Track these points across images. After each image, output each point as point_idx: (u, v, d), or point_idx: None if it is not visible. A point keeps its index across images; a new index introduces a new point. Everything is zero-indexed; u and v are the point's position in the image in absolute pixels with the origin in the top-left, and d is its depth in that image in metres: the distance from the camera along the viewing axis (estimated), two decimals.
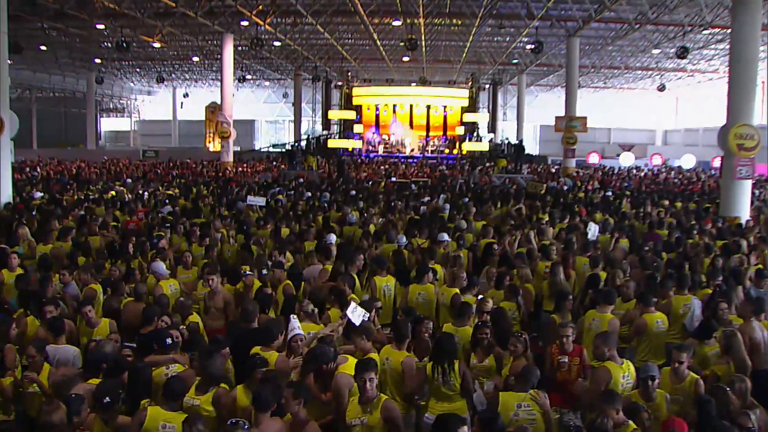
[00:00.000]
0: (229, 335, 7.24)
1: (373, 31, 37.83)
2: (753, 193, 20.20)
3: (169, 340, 6.44)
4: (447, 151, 50.70)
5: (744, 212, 18.46)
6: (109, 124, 75.01)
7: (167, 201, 18.58)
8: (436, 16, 34.79)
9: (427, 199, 19.77)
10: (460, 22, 36.90)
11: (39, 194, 20.42)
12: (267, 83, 70.25)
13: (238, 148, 61.53)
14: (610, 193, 23.02)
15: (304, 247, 11.91)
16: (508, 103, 66.29)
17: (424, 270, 9.45)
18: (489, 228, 13.58)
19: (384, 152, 50.89)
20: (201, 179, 28.23)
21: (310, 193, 20.86)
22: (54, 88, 60.36)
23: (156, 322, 7.39)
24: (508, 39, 41.35)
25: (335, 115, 53.30)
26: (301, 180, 27.18)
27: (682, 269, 10.23)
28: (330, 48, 45.99)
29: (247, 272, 9.38)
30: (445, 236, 12.33)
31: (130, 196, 20.89)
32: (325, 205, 18.44)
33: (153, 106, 77.93)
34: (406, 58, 49.06)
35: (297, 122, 57.67)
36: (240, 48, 45.47)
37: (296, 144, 36.88)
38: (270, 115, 78.16)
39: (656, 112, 69.87)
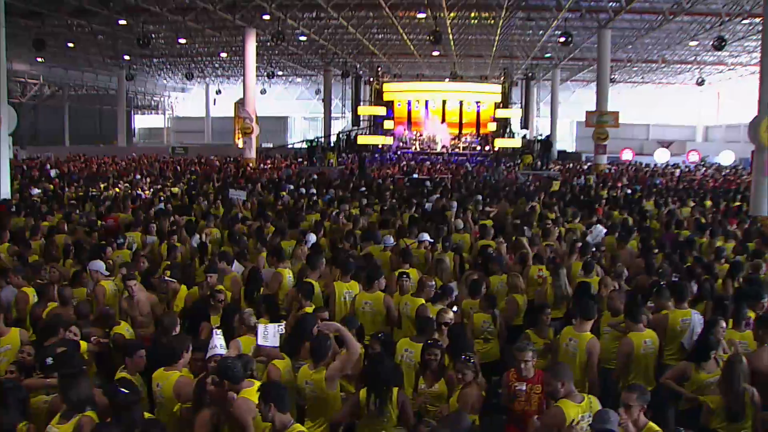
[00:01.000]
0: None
1: (398, 25, 36.83)
2: None
3: (49, 360, 5.49)
4: (478, 147, 49.52)
5: None
6: (143, 121, 75.35)
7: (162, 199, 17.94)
8: (462, 9, 33.72)
9: (436, 197, 18.76)
10: (487, 15, 35.72)
11: (36, 191, 19.87)
12: (299, 80, 69.67)
13: (271, 145, 61.47)
14: (630, 192, 21.70)
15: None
16: (543, 99, 64.75)
17: (373, 275, 8.34)
18: (489, 228, 12.61)
19: (416, 149, 50.12)
20: (215, 176, 27.54)
21: (315, 190, 19.98)
22: (87, 86, 60.42)
23: (62, 334, 6.44)
24: (540, 33, 39.95)
25: (365, 111, 52.53)
26: (316, 177, 26.37)
27: (689, 277, 9.14)
28: (358, 43, 45.09)
29: (167, 278, 8.55)
30: (425, 236, 11.36)
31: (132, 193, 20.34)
32: (328, 203, 17.62)
33: (186, 103, 78.06)
34: (436, 53, 48.05)
35: (327, 118, 56.96)
36: (269, 44, 45.13)
37: (316, 140, 36.04)
38: (304, 111, 77.66)
39: (697, 107, 67.56)
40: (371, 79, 53.78)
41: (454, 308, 7.99)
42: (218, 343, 5.86)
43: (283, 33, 34.10)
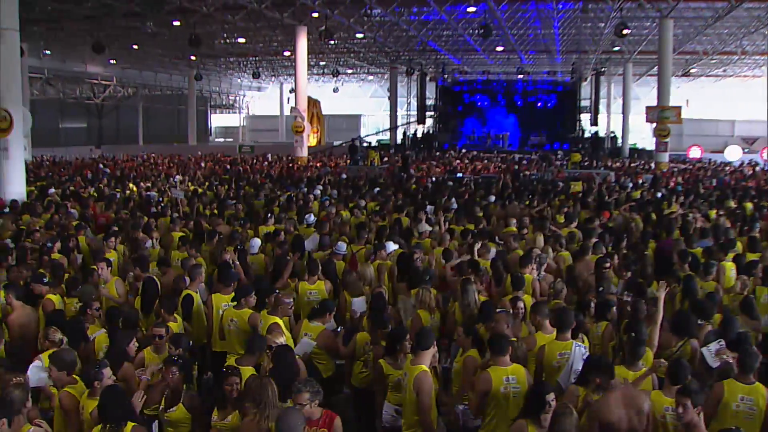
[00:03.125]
0: None
1: (450, 19, 35.99)
2: None
3: None
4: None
5: None
6: (219, 120, 76.92)
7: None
8: (512, 1, 32.56)
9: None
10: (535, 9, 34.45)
11: (52, 190, 20.08)
12: (371, 77, 69.45)
13: (340, 143, 61.53)
14: (660, 194, 20.19)
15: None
16: (617, 94, 62.37)
17: (242, 291, 7.89)
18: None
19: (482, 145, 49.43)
20: (245, 175, 27.46)
21: (320, 189, 19.44)
22: (161, 86, 61.95)
23: None
24: (600, 25, 38.23)
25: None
26: (345, 176, 25.96)
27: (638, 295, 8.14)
28: (421, 41, 44.35)
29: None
30: (391, 246, 10.65)
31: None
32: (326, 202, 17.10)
33: (262, 101, 79.21)
34: (500, 48, 46.81)
35: (393, 116, 56.61)
36: (334, 42, 45.11)
37: (358, 139, 35.61)
38: (378, 109, 77.46)
39: None
40: (437, 76, 53.24)
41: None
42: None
43: (330, 30, 33.71)
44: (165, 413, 5.62)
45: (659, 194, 20.32)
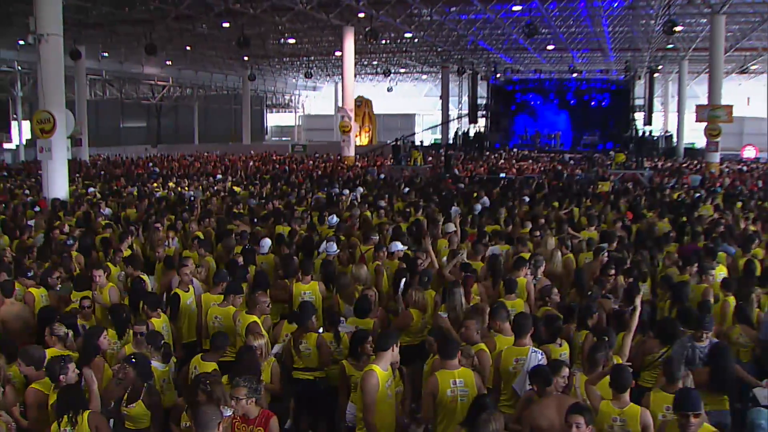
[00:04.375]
0: None
1: (497, 18, 35.78)
2: None
3: None
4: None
5: None
6: (276, 119, 78.06)
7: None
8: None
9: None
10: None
11: (92, 189, 20.73)
12: (425, 77, 69.45)
13: (391, 142, 61.74)
14: (699, 195, 19.75)
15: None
16: (674, 92, 60.94)
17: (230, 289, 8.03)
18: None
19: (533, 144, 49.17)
20: (285, 175, 27.90)
21: (337, 189, 19.59)
22: (217, 86, 63.16)
23: None
24: (651, 23, 37.47)
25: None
26: (383, 176, 26.10)
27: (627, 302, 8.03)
28: (467, 39, 44.20)
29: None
30: (398, 245, 10.69)
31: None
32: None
33: (318, 101, 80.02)
34: (550, 47, 46.35)
35: (444, 115, 56.51)
36: (384, 42, 45.42)
37: (403, 139, 35.64)
38: (433, 108, 77.43)
39: None
40: (488, 76, 53.02)
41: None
42: None
43: (376, 31, 33.86)
44: (125, 409, 5.83)
45: (698, 195, 19.91)
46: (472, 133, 53.38)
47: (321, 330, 7.48)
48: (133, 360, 5.89)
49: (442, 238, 11.90)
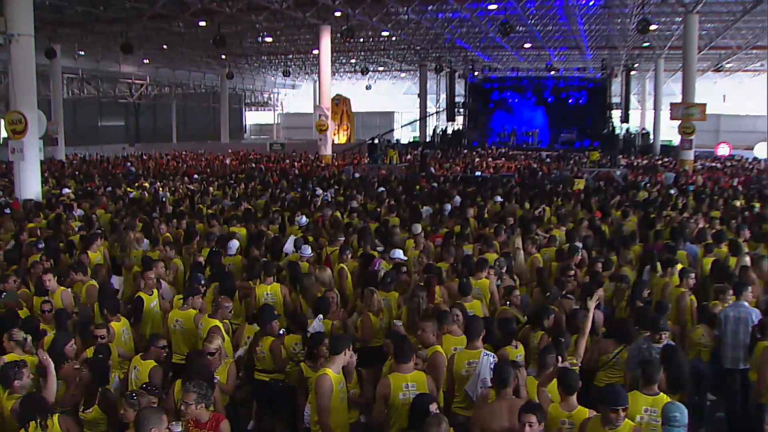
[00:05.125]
0: None
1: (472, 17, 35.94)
2: None
3: None
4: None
5: None
6: (254, 117, 77.86)
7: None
8: None
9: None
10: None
11: (67, 190, 20.60)
12: (403, 75, 69.48)
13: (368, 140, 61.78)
14: (672, 192, 19.97)
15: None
16: (651, 90, 61.41)
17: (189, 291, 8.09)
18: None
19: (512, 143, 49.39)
20: (260, 175, 27.90)
21: (320, 191, 19.58)
22: (195, 85, 62.89)
23: None
24: (626, 21, 37.74)
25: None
26: (357, 175, 26.15)
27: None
28: (445, 38, 44.29)
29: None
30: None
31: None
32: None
33: (297, 99, 79.87)
34: (527, 45, 46.56)
35: (422, 113, 56.57)
36: (362, 40, 45.44)
37: (379, 137, 35.66)
38: (411, 106, 77.46)
39: None
40: (465, 74, 53.14)
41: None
42: None
43: (352, 29, 33.86)
44: (82, 414, 5.86)
45: (671, 192, 20.12)
46: (450, 131, 53.45)
47: (282, 332, 7.54)
48: (91, 362, 5.93)
49: (410, 238, 11.97)
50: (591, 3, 33.35)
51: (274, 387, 7.26)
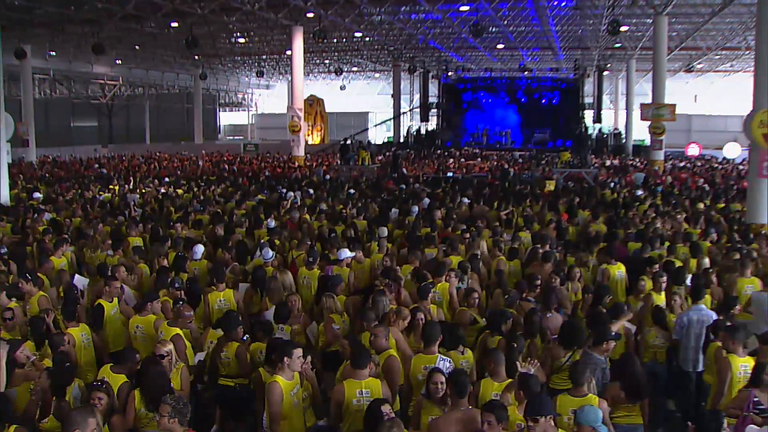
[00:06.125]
0: None
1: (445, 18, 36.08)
2: None
3: None
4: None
5: None
6: (228, 118, 77.54)
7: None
8: None
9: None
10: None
11: (38, 195, 20.36)
12: (378, 75, 69.52)
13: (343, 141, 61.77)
14: (640, 193, 20.20)
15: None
16: (621, 91, 62.07)
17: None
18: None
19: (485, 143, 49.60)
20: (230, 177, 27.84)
21: (291, 193, 19.53)
22: (169, 86, 62.53)
23: None
24: (597, 22, 38.06)
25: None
26: (328, 177, 26.17)
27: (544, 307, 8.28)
28: (418, 38, 44.39)
29: None
30: (346, 252, 10.59)
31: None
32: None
33: (271, 99, 79.68)
34: (500, 46, 46.80)
35: (396, 114, 56.62)
36: (335, 41, 45.39)
37: (351, 138, 35.68)
38: (386, 106, 77.55)
39: None
40: (439, 74, 53.30)
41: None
42: None
43: (324, 30, 33.83)
44: (39, 425, 5.85)
45: (639, 193, 20.31)
46: (424, 132, 53.57)
47: (246, 337, 7.58)
48: (50, 371, 5.94)
49: (374, 242, 12.02)
50: (563, 4, 33.61)
51: (238, 392, 7.28)
